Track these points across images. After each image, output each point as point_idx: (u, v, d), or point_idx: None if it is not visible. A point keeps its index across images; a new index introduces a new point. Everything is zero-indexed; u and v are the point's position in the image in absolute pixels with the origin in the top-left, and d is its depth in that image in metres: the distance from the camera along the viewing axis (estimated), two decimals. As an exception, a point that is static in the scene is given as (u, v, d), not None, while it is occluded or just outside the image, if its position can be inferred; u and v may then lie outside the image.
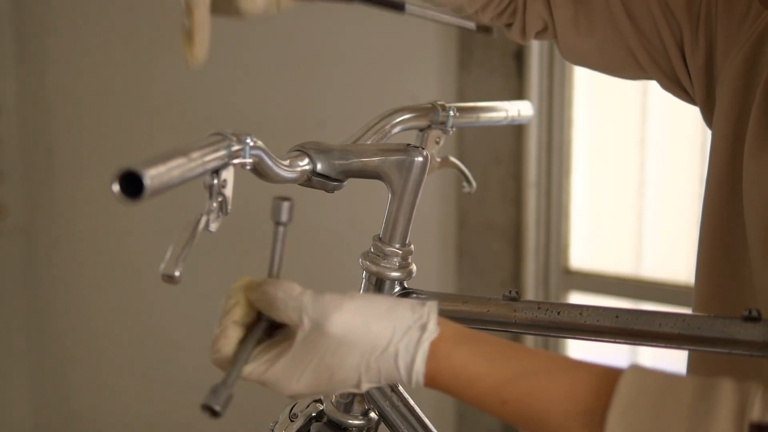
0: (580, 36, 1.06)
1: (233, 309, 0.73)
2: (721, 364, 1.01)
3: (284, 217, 0.73)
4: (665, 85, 1.07)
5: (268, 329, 0.74)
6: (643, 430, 0.63)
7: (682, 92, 1.07)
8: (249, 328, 0.74)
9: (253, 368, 0.73)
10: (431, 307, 0.72)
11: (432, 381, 0.73)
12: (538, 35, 1.09)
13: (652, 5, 1.02)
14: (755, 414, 0.60)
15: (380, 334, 0.71)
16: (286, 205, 0.73)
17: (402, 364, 0.71)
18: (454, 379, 0.72)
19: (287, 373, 0.72)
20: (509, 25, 1.08)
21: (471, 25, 0.83)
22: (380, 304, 0.73)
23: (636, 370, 0.66)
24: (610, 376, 0.67)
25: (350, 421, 0.91)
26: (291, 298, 0.71)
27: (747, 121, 0.95)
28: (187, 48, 0.80)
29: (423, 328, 0.72)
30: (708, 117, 1.04)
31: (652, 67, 1.05)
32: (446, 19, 0.81)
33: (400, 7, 0.78)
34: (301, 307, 0.71)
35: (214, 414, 0.71)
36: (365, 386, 0.73)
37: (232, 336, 0.74)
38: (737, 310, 0.92)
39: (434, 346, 0.72)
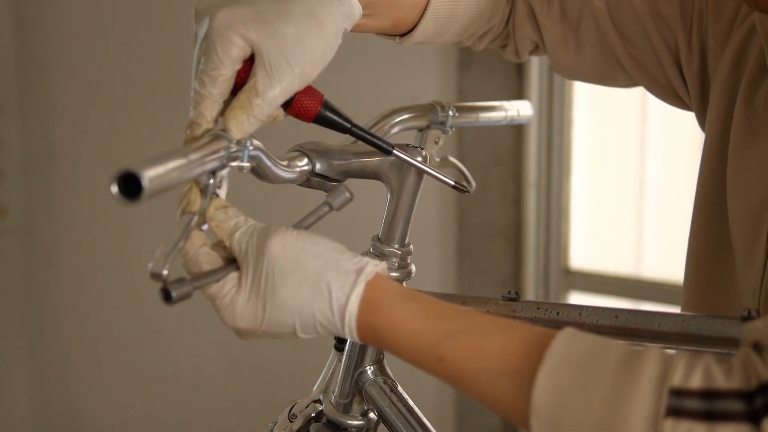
0: (570, 54, 1.08)
1: (190, 196, 0.74)
2: None
3: (336, 205, 0.79)
4: (656, 93, 1.08)
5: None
6: (569, 391, 0.64)
7: (676, 99, 1.08)
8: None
9: (215, 290, 0.75)
10: (372, 260, 0.74)
11: (371, 333, 0.73)
12: (533, 53, 1.12)
13: (644, 17, 1.03)
14: (676, 379, 0.61)
15: (316, 268, 0.73)
16: (345, 197, 0.79)
17: (335, 304, 0.72)
18: (392, 333, 0.73)
19: (230, 303, 0.74)
20: (504, 47, 1.11)
21: (450, 182, 0.88)
22: (326, 243, 0.75)
23: (569, 332, 0.67)
24: (543, 337, 0.68)
25: (349, 422, 0.91)
26: (244, 227, 0.74)
27: (732, 122, 0.97)
28: None
29: (360, 271, 0.73)
30: (702, 121, 1.05)
31: (642, 77, 1.06)
32: (428, 170, 0.85)
33: (387, 151, 0.82)
34: (247, 238, 0.74)
35: (167, 299, 0.73)
36: (299, 330, 0.74)
37: (196, 242, 0.75)
38: (723, 311, 0.93)
39: (375, 299, 0.73)
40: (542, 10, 1.07)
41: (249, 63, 0.76)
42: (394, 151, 0.83)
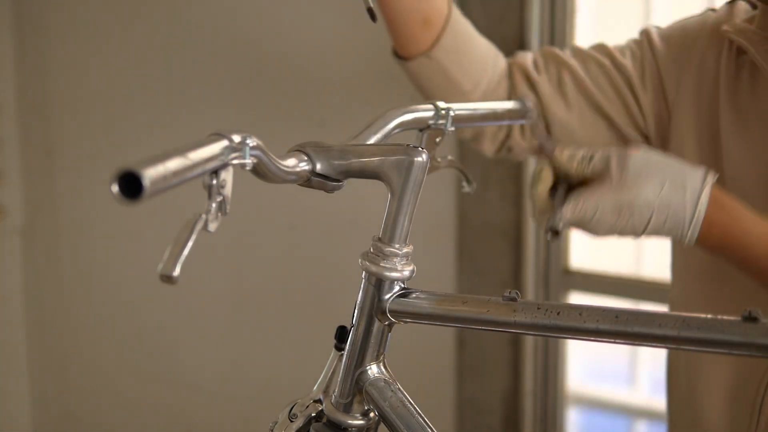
0: (562, 109, 1.29)
1: (543, 174, 0.97)
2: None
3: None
4: (641, 141, 1.30)
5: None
6: None
7: (647, 141, 1.29)
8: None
9: (570, 208, 0.93)
10: (709, 170, 0.94)
11: (717, 229, 0.91)
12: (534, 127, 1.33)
13: (609, 69, 1.28)
14: None
15: (674, 170, 0.91)
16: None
17: (690, 197, 0.90)
18: (741, 232, 0.91)
19: (594, 210, 0.92)
20: (508, 136, 1.33)
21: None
22: (664, 156, 0.93)
23: None
24: None
25: (350, 422, 0.90)
26: (598, 153, 0.94)
27: (714, 121, 1.17)
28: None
29: (706, 175, 0.92)
30: (661, 143, 1.26)
31: (622, 121, 1.28)
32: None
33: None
34: (608, 155, 0.93)
35: (556, 234, 0.93)
36: (651, 225, 0.91)
37: (544, 189, 0.97)
38: (715, 305, 1.00)
39: (720, 198, 0.92)
40: (533, 70, 1.31)
41: None
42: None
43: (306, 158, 0.82)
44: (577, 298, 1.98)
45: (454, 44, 1.27)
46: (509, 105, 1.12)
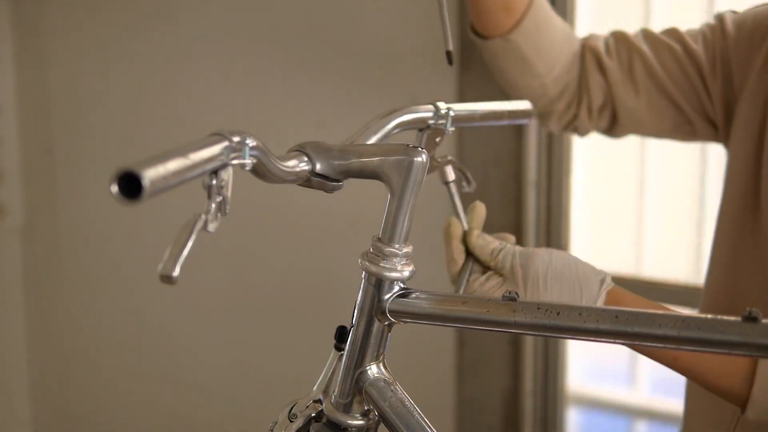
0: (631, 95, 1.29)
1: (458, 249, 1.02)
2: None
3: (450, 177, 1.03)
4: (705, 128, 1.29)
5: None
6: None
7: (709, 125, 1.28)
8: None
9: (477, 287, 0.98)
10: (607, 273, 0.96)
11: None
12: (601, 111, 1.34)
13: (679, 55, 1.26)
14: None
15: (571, 278, 0.93)
16: (449, 168, 1.03)
17: (585, 304, 0.90)
18: None
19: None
20: (576, 117, 1.35)
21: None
22: (568, 257, 0.96)
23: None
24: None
25: (350, 422, 0.90)
26: (504, 250, 0.97)
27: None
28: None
29: (603, 281, 0.94)
30: (726, 138, 1.25)
31: (689, 108, 1.27)
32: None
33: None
34: (512, 255, 0.97)
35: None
36: None
37: (459, 261, 1.02)
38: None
39: (615, 298, 0.94)
40: (605, 55, 1.31)
41: None
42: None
43: (306, 158, 0.82)
44: (577, 298, 1.97)
45: (534, 29, 1.27)
46: (510, 106, 1.12)
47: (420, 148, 0.85)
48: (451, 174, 1.04)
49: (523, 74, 1.31)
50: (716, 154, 1.87)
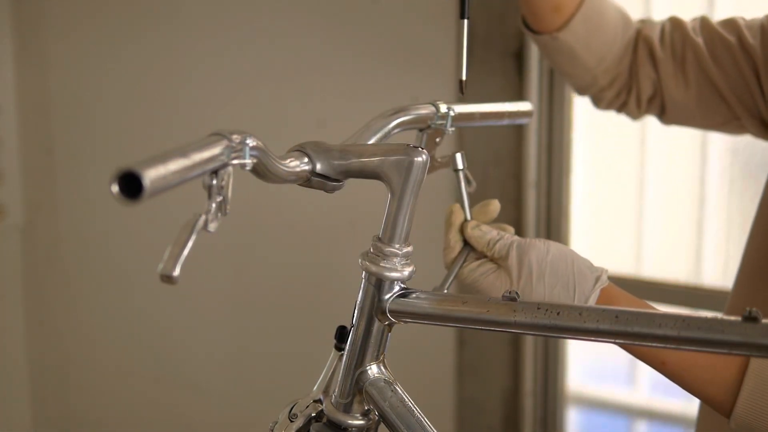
0: (680, 88, 1.27)
1: (455, 237, 1.02)
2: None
3: (460, 165, 1.04)
4: (754, 126, 1.26)
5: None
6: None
7: (761, 123, 1.25)
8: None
9: (468, 273, 0.99)
10: (605, 270, 0.95)
11: None
12: (651, 101, 1.32)
13: (734, 49, 1.23)
14: None
15: (566, 272, 0.93)
16: (459, 155, 1.04)
17: (577, 300, 0.91)
18: None
19: (493, 287, 0.96)
20: (625, 104, 1.33)
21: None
22: (566, 251, 0.95)
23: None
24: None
25: (350, 422, 0.90)
26: (503, 240, 0.97)
27: None
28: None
29: (598, 278, 0.93)
30: None
31: (738, 105, 1.25)
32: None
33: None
34: (509, 245, 0.95)
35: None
36: None
37: (455, 249, 1.02)
38: None
39: (609, 296, 0.93)
40: (658, 45, 1.29)
41: None
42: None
43: (306, 158, 0.82)
44: (577, 298, 1.97)
45: (583, 27, 1.27)
46: (510, 106, 1.12)
47: (420, 148, 0.84)
48: (460, 162, 1.04)
49: (572, 66, 1.31)
50: (717, 155, 1.87)
